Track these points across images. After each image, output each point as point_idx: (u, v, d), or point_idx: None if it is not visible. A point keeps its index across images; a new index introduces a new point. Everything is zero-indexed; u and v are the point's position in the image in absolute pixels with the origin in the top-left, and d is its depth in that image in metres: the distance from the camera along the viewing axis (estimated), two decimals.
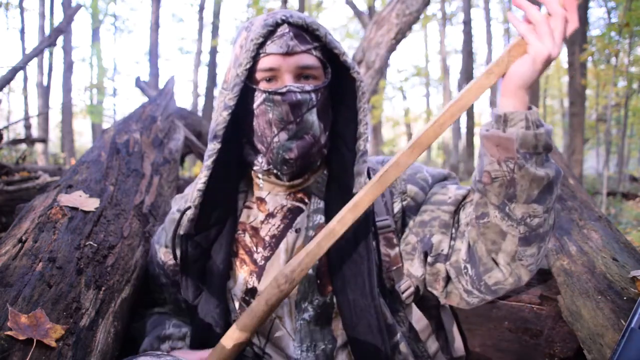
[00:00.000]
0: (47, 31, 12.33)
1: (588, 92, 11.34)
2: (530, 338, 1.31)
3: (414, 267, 1.03)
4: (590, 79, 10.09)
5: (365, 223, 1.00)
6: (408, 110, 22.10)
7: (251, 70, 0.96)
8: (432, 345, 1.06)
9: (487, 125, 0.86)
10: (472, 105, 0.92)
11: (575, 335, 1.14)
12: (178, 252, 1.04)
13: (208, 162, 0.99)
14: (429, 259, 1.01)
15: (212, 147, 0.98)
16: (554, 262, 1.34)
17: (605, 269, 1.16)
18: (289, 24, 0.95)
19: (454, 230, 1.00)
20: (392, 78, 19.70)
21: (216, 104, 1.03)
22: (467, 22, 13.14)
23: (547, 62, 0.79)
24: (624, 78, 7.00)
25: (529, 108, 0.84)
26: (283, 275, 0.88)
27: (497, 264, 0.92)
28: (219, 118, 0.97)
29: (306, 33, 0.97)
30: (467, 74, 13.23)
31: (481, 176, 0.88)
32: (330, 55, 1.01)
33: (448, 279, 1.02)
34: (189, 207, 1.01)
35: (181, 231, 1.02)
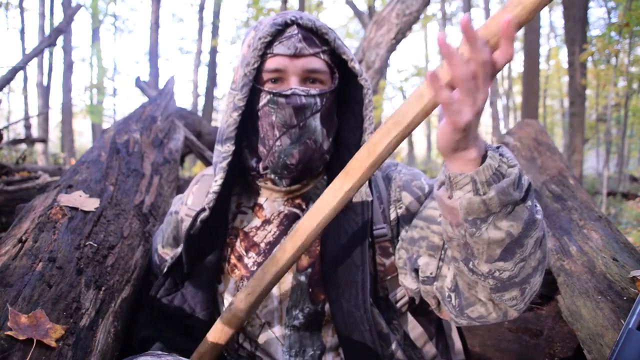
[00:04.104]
0: (47, 31, 12.32)
1: (588, 92, 11.34)
2: (530, 338, 1.31)
3: (407, 281, 1.00)
4: (590, 79, 10.09)
5: (362, 232, 0.98)
6: None
7: (258, 71, 0.95)
8: (430, 351, 1.04)
9: (441, 180, 0.75)
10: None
11: (575, 335, 1.14)
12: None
13: (223, 164, 0.97)
14: (420, 277, 0.96)
15: (226, 149, 0.96)
16: (554, 262, 1.35)
17: (605, 269, 1.16)
18: (299, 25, 0.93)
19: (443, 252, 0.92)
20: (392, 78, 19.70)
21: (224, 105, 1.02)
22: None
23: (476, 119, 0.64)
24: (624, 78, 7.01)
25: (484, 158, 0.68)
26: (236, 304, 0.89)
27: (479, 299, 0.83)
28: (229, 119, 0.95)
29: (315, 36, 0.95)
30: None
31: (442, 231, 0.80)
32: (338, 60, 0.99)
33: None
34: (204, 209, 0.99)
35: (191, 232, 1.00)
